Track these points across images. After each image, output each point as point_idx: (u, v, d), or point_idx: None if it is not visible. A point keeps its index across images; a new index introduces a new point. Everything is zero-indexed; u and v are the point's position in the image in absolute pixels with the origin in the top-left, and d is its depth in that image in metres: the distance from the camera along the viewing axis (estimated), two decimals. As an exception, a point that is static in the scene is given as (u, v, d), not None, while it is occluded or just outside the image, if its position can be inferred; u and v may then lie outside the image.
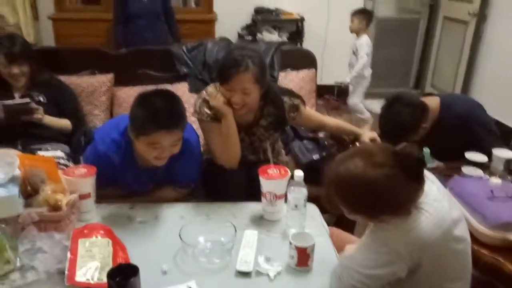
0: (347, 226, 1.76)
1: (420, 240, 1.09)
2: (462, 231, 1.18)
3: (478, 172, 1.76)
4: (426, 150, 2.05)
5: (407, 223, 1.11)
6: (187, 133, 1.63)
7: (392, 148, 1.14)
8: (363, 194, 1.11)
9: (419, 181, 1.12)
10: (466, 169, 1.77)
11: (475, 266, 1.43)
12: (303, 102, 1.96)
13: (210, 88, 1.85)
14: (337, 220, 2.05)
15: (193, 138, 1.74)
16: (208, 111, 1.81)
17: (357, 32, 4.00)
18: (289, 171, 1.58)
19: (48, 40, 4.22)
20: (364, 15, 3.98)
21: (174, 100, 1.56)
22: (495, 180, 1.59)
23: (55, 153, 2.07)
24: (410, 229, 1.10)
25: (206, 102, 1.82)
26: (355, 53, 4.01)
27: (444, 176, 1.80)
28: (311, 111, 2.10)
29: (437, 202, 1.15)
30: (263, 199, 1.58)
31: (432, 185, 1.20)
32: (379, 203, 1.10)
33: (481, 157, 1.88)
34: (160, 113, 1.49)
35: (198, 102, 1.84)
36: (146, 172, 1.70)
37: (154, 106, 1.50)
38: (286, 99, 1.90)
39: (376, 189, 1.08)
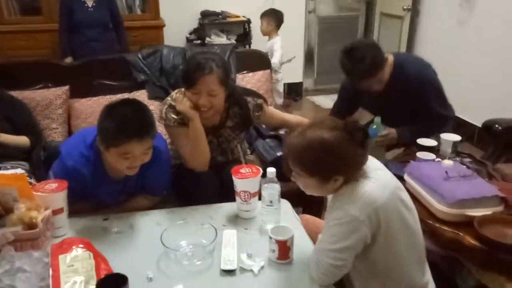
0: (314, 213, 1.91)
1: (373, 202, 1.21)
2: (406, 197, 1.33)
3: (431, 156, 1.90)
4: (377, 119, 2.20)
5: (357, 190, 1.24)
6: (156, 140, 1.64)
7: (341, 119, 1.29)
8: (319, 154, 1.23)
9: (363, 147, 1.26)
10: (420, 154, 1.91)
11: (438, 242, 1.57)
12: (266, 101, 2.03)
13: (176, 94, 1.87)
14: (303, 211, 2.14)
15: (162, 145, 1.75)
16: (175, 116, 1.83)
17: (268, 34, 4.01)
18: (260, 169, 1.64)
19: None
20: (271, 16, 3.97)
21: (142, 109, 1.57)
22: (448, 162, 1.74)
23: (15, 171, 1.99)
24: (361, 194, 1.22)
25: (172, 107, 1.84)
26: (269, 56, 4.03)
27: (401, 163, 1.94)
28: (273, 109, 2.17)
29: (380, 171, 1.31)
30: (237, 198, 1.63)
31: (373, 159, 1.36)
32: (333, 162, 1.23)
33: (431, 142, 2.04)
34: (130, 123, 1.49)
35: (164, 109, 1.86)
36: (117, 183, 1.70)
37: (123, 116, 1.50)
38: (249, 99, 1.96)
39: (330, 149, 1.22)
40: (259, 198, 1.62)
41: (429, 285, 1.39)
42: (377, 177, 1.27)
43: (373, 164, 1.33)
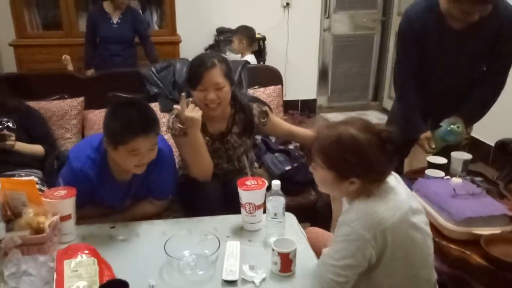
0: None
1: (381, 222, 1.18)
2: (420, 221, 1.28)
3: (440, 173, 1.89)
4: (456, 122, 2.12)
5: (368, 207, 1.21)
6: (161, 143, 1.70)
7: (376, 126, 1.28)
8: (344, 150, 1.22)
9: (390, 160, 1.24)
10: (429, 171, 1.90)
11: (445, 261, 1.55)
12: (270, 109, 2.07)
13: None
14: (311, 225, 2.13)
15: (167, 148, 1.80)
16: (180, 126, 1.87)
17: (241, 52, 3.96)
18: (266, 182, 1.65)
19: (10, 67, 4.13)
20: (242, 34, 3.95)
21: (145, 107, 1.65)
22: (456, 180, 1.72)
23: (29, 178, 2.04)
24: (372, 213, 1.20)
25: (178, 117, 1.88)
26: None
27: (410, 180, 1.93)
28: (279, 119, 2.20)
29: (396, 191, 1.27)
30: (242, 210, 1.63)
31: (392, 178, 1.32)
32: (354, 162, 1.22)
33: (441, 159, 2.02)
34: (135, 119, 1.55)
35: (171, 119, 1.90)
36: (122, 186, 1.74)
37: (127, 114, 1.57)
38: (255, 105, 2.01)
39: (356, 148, 1.21)
40: (264, 211, 1.63)
41: None
42: (391, 197, 1.24)
43: (392, 183, 1.30)
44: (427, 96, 2.22)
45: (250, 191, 1.60)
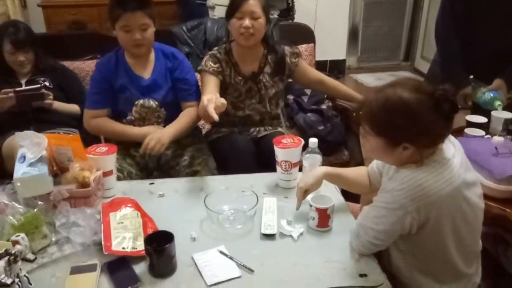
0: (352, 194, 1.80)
1: (427, 196, 1.12)
2: (473, 194, 1.22)
3: (480, 132, 1.84)
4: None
5: (416, 177, 1.13)
6: (172, 49, 2.02)
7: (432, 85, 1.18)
8: (392, 114, 1.13)
9: (449, 120, 1.15)
10: (468, 130, 1.86)
11: (484, 219, 1.53)
12: (300, 54, 2.14)
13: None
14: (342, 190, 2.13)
15: (180, 54, 2.04)
16: (213, 64, 1.96)
17: None
18: (302, 140, 1.65)
19: (38, 28, 4.16)
20: None
21: None
22: (498, 138, 1.68)
23: (73, 134, 2.10)
24: (418, 184, 1.13)
25: (212, 57, 1.98)
26: None
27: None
28: (309, 66, 2.22)
29: (449, 163, 1.18)
30: (278, 168, 1.65)
31: (451, 146, 1.24)
32: (405, 126, 1.13)
33: (481, 118, 1.97)
34: None
35: (205, 58, 2.01)
36: (144, 80, 1.94)
37: None
38: (287, 47, 2.08)
39: (406, 111, 1.12)
40: (300, 169, 1.64)
41: (475, 277, 1.33)
42: (444, 170, 1.15)
43: (448, 153, 1.20)
44: (469, 59, 2.15)
45: (286, 149, 1.60)
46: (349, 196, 1.71)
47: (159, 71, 1.95)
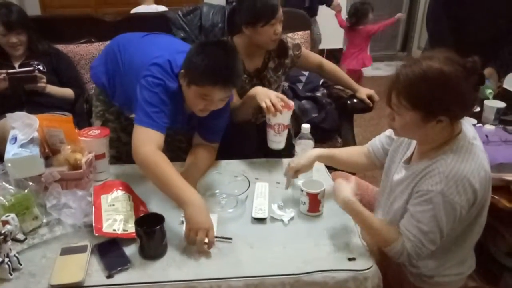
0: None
1: (472, 185, 1.15)
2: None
3: (472, 120, 1.85)
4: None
5: (459, 172, 1.14)
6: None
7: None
8: (433, 85, 1.13)
9: (475, 92, 1.17)
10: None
11: (473, 206, 1.55)
12: (300, 45, 2.11)
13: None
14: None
15: (231, 98, 1.66)
16: None
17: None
18: (293, 103, 1.69)
19: (33, 12, 4.13)
20: None
21: (235, 56, 1.47)
22: (489, 127, 1.69)
23: (66, 116, 2.09)
24: (462, 177, 1.14)
25: None
26: None
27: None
28: (308, 51, 2.21)
29: (474, 145, 1.21)
30: (270, 131, 1.69)
31: (469, 128, 1.27)
32: (444, 97, 1.12)
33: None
34: (220, 67, 1.41)
35: None
36: (185, 114, 1.65)
37: (216, 58, 1.42)
38: (288, 39, 2.04)
39: (446, 82, 1.12)
40: (292, 155, 1.65)
41: (471, 260, 1.38)
42: (473, 152, 1.18)
43: (470, 133, 1.23)
44: (460, 48, 2.16)
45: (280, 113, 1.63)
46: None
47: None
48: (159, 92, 1.47)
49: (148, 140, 1.41)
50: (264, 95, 1.64)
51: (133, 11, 3.16)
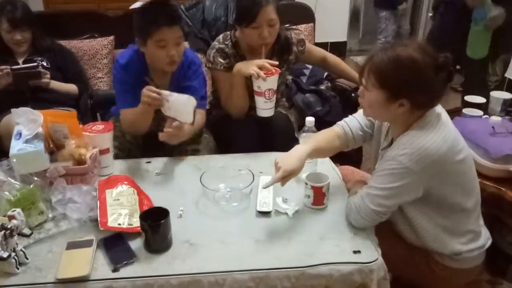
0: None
1: (431, 154, 1.18)
2: (468, 155, 1.28)
3: (478, 112, 1.84)
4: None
5: (416, 140, 1.20)
6: (191, 55, 1.86)
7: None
8: (401, 68, 1.20)
9: (442, 88, 1.23)
10: (466, 110, 1.85)
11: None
12: (304, 40, 2.09)
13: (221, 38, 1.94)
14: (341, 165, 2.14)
15: (197, 60, 1.89)
16: (222, 61, 1.88)
17: None
18: (278, 69, 1.74)
19: (36, 7, 4.13)
20: None
21: (168, 2, 1.72)
22: (495, 118, 1.67)
23: (69, 111, 2.09)
24: (419, 146, 1.19)
25: (219, 52, 1.88)
26: None
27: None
28: (312, 45, 2.20)
29: (442, 122, 1.25)
30: (261, 99, 1.72)
31: (443, 113, 1.29)
32: (409, 80, 1.20)
33: (479, 99, 1.96)
34: (159, 13, 1.65)
35: (212, 53, 1.91)
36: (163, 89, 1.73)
37: (152, 9, 1.67)
38: (293, 34, 2.01)
39: (413, 67, 1.19)
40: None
41: (483, 235, 1.38)
42: (439, 128, 1.23)
43: (441, 116, 1.28)
44: None
45: (269, 77, 1.67)
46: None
47: (175, 81, 1.85)
48: (119, 76, 1.77)
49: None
50: (248, 64, 1.73)
51: (132, 7, 3.14)
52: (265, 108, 1.72)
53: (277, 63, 1.73)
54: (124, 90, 1.76)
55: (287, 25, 2.57)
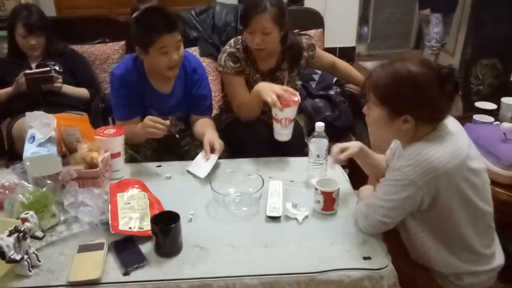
0: (359, 179, 1.82)
1: (435, 169, 1.15)
2: (479, 167, 1.24)
3: (489, 119, 1.83)
4: None
5: (422, 152, 1.16)
6: (196, 61, 1.90)
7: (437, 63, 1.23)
8: (400, 84, 1.18)
9: (450, 99, 1.19)
10: (477, 117, 1.84)
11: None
12: (315, 45, 2.11)
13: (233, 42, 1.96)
14: (349, 175, 2.13)
15: (201, 65, 1.94)
16: (233, 65, 1.89)
17: None
18: (299, 97, 1.72)
19: (49, 12, 4.18)
20: None
21: (164, 9, 1.76)
22: (507, 124, 1.66)
23: (82, 115, 2.12)
24: (425, 159, 1.16)
25: (230, 56, 1.90)
26: None
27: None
28: (321, 51, 2.21)
29: (453, 136, 1.21)
30: (277, 125, 1.74)
31: (453, 123, 1.27)
32: (409, 96, 1.18)
33: (490, 105, 1.95)
34: (157, 20, 1.67)
35: (223, 57, 1.92)
36: (166, 96, 1.86)
37: (150, 17, 1.69)
38: (304, 39, 2.02)
39: (413, 82, 1.17)
40: (306, 154, 1.64)
41: (496, 259, 1.34)
42: (449, 142, 1.19)
43: (451, 127, 1.24)
44: None
45: (288, 108, 1.67)
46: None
47: (179, 86, 1.88)
48: (115, 87, 1.79)
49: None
50: (269, 89, 1.70)
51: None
52: (281, 133, 1.74)
53: (297, 93, 1.72)
54: (120, 104, 1.82)
55: (297, 31, 2.60)
